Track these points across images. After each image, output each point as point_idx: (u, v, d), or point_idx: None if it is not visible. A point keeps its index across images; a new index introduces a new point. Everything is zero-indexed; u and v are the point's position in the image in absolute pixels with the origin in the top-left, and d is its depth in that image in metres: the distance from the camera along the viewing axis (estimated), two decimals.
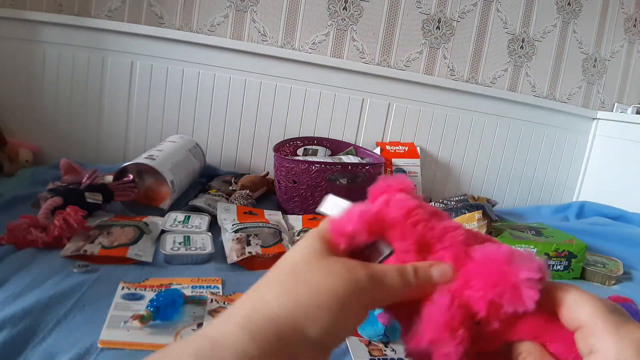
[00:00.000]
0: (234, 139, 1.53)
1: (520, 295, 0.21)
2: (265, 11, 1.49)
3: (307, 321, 0.21)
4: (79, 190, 0.94)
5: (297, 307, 0.21)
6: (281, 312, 0.21)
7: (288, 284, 0.23)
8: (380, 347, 0.62)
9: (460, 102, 1.64)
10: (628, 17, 1.77)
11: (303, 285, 0.22)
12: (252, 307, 0.22)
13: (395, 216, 0.25)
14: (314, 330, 0.21)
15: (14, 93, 1.38)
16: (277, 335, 0.20)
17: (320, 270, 0.23)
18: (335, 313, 0.21)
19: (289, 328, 0.21)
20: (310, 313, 0.21)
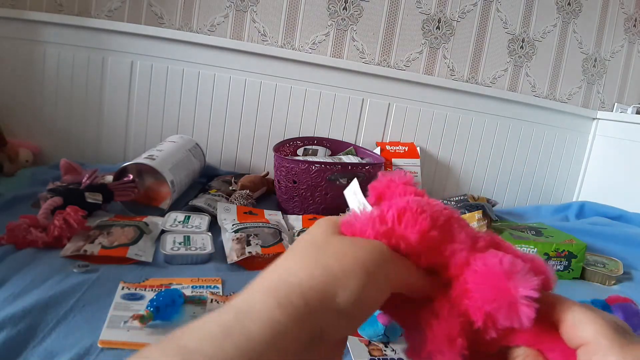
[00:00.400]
0: (234, 139, 1.53)
1: (517, 312, 0.21)
2: (265, 11, 1.50)
3: (335, 287, 0.20)
4: (79, 190, 0.94)
5: (324, 274, 0.21)
6: (308, 278, 0.21)
7: (312, 254, 0.22)
8: (380, 347, 0.62)
9: (460, 102, 1.64)
10: (628, 17, 1.78)
11: (327, 254, 0.22)
12: (278, 277, 0.21)
13: (409, 236, 0.24)
14: (342, 298, 0.20)
15: (14, 93, 1.38)
16: (305, 302, 0.19)
17: (342, 242, 0.23)
18: (362, 280, 0.21)
19: (317, 295, 0.20)
20: (338, 279, 0.21)
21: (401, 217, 0.25)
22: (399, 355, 0.61)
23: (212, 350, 0.17)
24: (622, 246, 1.19)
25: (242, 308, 0.19)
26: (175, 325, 0.59)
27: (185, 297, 0.65)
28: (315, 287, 0.20)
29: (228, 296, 0.70)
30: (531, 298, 0.21)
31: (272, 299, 0.19)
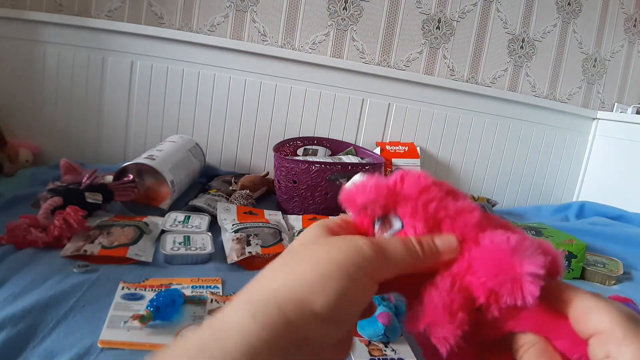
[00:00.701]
0: (234, 139, 1.53)
1: (521, 288, 0.20)
2: (265, 11, 1.50)
3: (310, 294, 0.20)
4: (79, 190, 0.94)
5: (297, 281, 0.21)
6: (281, 288, 0.20)
7: (288, 262, 0.22)
8: (380, 347, 0.62)
9: (460, 102, 1.64)
10: (628, 17, 1.78)
11: (303, 260, 0.22)
12: (254, 289, 0.21)
13: (409, 192, 0.25)
14: (320, 303, 0.20)
15: (14, 93, 1.38)
16: (280, 311, 0.19)
17: (320, 246, 0.23)
18: (340, 282, 0.21)
19: (292, 304, 0.20)
20: (313, 285, 0.20)
21: (403, 177, 0.25)
22: (399, 355, 0.61)
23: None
24: (622, 246, 1.19)
25: (218, 324, 0.19)
26: (175, 325, 0.59)
27: (185, 297, 0.65)
28: (290, 296, 0.20)
29: (228, 296, 0.70)
30: (537, 275, 0.20)
31: (246, 312, 0.19)
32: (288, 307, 0.20)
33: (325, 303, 0.20)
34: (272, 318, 0.19)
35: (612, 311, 0.20)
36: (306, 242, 0.24)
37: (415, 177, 0.25)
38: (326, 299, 0.20)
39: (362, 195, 0.25)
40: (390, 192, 0.25)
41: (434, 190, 0.25)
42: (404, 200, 0.25)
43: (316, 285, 0.20)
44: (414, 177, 0.25)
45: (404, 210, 0.25)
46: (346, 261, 0.21)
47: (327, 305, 0.20)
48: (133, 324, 0.57)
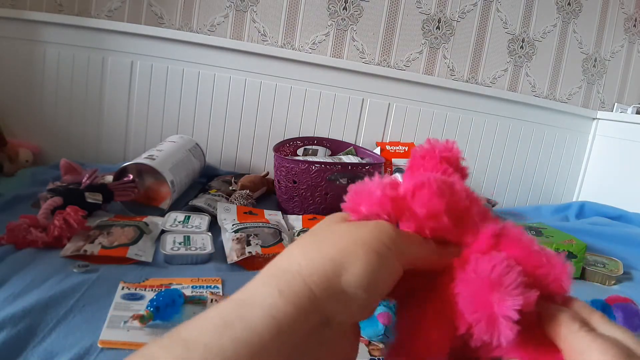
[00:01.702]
0: (234, 139, 1.53)
1: (496, 329, 0.19)
2: (265, 11, 1.50)
3: (338, 269, 0.20)
4: (79, 190, 0.94)
5: (324, 256, 0.20)
6: (308, 264, 0.20)
7: (311, 241, 0.22)
8: (380, 347, 0.62)
9: (460, 102, 1.64)
10: (628, 17, 1.78)
11: (327, 239, 0.22)
12: (279, 267, 0.21)
13: (418, 211, 0.24)
14: (348, 279, 0.19)
15: (14, 93, 1.38)
16: (308, 288, 0.19)
17: (343, 226, 0.23)
18: (368, 259, 0.20)
19: (319, 280, 0.19)
20: (340, 261, 0.20)
21: (415, 191, 0.24)
22: None
23: (212, 341, 0.16)
24: (622, 246, 1.19)
25: (243, 299, 0.19)
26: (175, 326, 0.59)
27: (185, 297, 0.65)
28: (317, 272, 0.19)
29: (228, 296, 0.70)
30: (512, 319, 0.19)
31: (273, 288, 0.19)
32: (315, 282, 0.19)
33: (353, 280, 0.19)
34: (298, 293, 0.18)
35: (608, 351, 0.18)
36: (327, 224, 0.24)
37: (427, 196, 0.24)
38: (354, 276, 0.20)
39: (367, 205, 0.24)
40: (397, 205, 0.24)
41: (442, 220, 0.23)
42: (410, 217, 0.24)
43: (343, 261, 0.20)
44: (426, 196, 0.23)
45: (408, 225, 0.24)
46: (373, 239, 0.21)
47: (355, 281, 0.19)
48: (133, 324, 0.57)
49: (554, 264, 0.22)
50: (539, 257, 0.23)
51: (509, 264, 0.21)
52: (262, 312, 0.17)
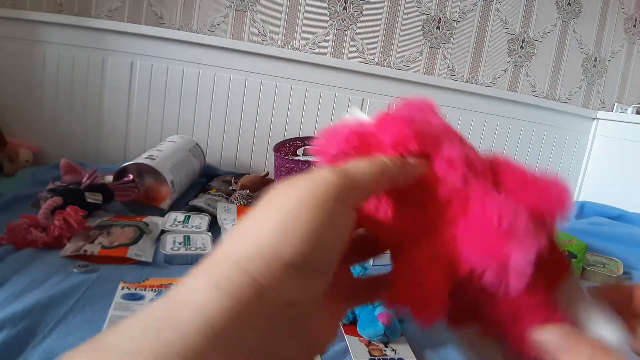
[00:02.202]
0: (234, 139, 1.53)
1: (505, 279, 0.18)
2: (265, 11, 1.50)
3: (277, 244, 0.17)
4: (79, 190, 0.94)
5: (261, 234, 0.17)
6: (245, 247, 0.17)
7: (251, 220, 0.19)
8: (380, 347, 0.62)
9: (460, 102, 1.64)
10: (628, 17, 1.78)
11: (265, 211, 0.19)
12: (215, 255, 0.18)
13: (384, 141, 0.22)
14: (289, 250, 0.17)
15: (14, 93, 1.38)
16: (247, 275, 0.16)
17: (282, 191, 0.19)
18: (307, 218, 0.17)
19: (259, 262, 0.16)
20: (278, 233, 0.17)
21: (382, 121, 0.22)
22: (399, 355, 0.61)
23: (135, 348, 0.14)
24: (622, 246, 1.19)
25: (175, 297, 0.16)
26: None
27: None
28: (255, 253, 0.17)
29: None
30: (523, 270, 0.18)
31: (207, 280, 0.16)
32: (254, 268, 0.16)
33: (295, 247, 0.17)
34: (237, 283, 0.16)
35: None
36: (272, 194, 0.20)
37: (393, 123, 0.22)
38: (295, 242, 0.17)
39: (334, 144, 0.22)
40: (364, 139, 0.22)
41: (412, 144, 0.22)
42: (378, 148, 0.22)
43: (281, 231, 0.17)
44: (393, 123, 0.22)
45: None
46: (309, 194, 0.18)
47: (297, 249, 0.17)
48: None
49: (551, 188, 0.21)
50: (535, 184, 0.22)
51: (517, 209, 0.20)
52: (193, 307, 0.15)
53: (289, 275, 0.17)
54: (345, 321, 0.66)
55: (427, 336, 0.67)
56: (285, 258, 0.17)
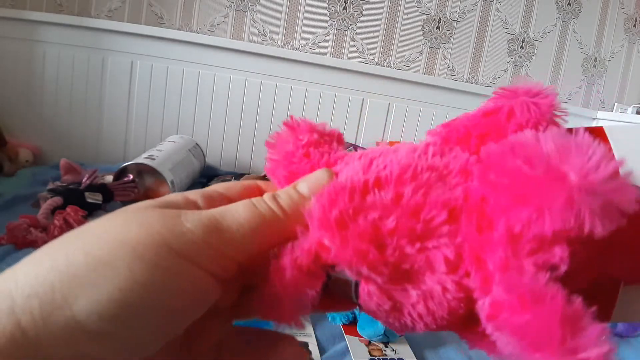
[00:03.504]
0: (234, 139, 1.53)
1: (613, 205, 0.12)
2: (265, 11, 1.50)
3: (69, 289, 0.12)
4: (79, 190, 0.94)
5: (55, 271, 0.13)
6: (28, 281, 0.12)
7: (58, 244, 0.14)
8: (380, 347, 0.62)
9: (460, 102, 1.64)
10: (628, 17, 1.78)
11: (78, 241, 0.14)
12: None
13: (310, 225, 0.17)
14: (82, 305, 0.12)
15: (14, 93, 1.38)
16: (15, 320, 0.12)
17: (112, 221, 0.14)
18: (125, 270, 0.13)
19: (41, 307, 0.12)
20: (77, 276, 0.12)
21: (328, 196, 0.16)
22: (399, 355, 0.61)
23: None
24: None
25: None
26: None
27: None
28: (38, 293, 0.12)
29: None
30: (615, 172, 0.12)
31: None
32: (32, 312, 0.12)
33: (91, 304, 0.12)
34: (2, 327, 0.12)
35: None
36: (110, 216, 0.15)
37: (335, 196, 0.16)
38: (92, 299, 0.12)
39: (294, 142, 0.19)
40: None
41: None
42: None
43: (83, 276, 0.12)
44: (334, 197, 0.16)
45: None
46: (142, 239, 0.13)
47: (94, 308, 0.12)
48: None
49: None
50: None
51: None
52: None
53: (75, 337, 0.12)
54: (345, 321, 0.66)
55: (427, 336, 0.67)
56: (75, 314, 0.12)
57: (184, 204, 0.16)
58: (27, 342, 0.12)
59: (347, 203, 0.15)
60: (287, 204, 0.16)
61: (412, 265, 0.15)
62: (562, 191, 0.12)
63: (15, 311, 0.12)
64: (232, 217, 0.15)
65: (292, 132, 0.20)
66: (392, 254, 0.15)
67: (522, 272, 0.13)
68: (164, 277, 0.13)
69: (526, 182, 0.13)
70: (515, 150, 0.13)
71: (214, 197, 0.18)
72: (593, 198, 0.12)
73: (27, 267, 0.13)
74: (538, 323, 0.12)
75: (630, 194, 0.12)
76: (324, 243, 0.15)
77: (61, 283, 0.12)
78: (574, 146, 0.13)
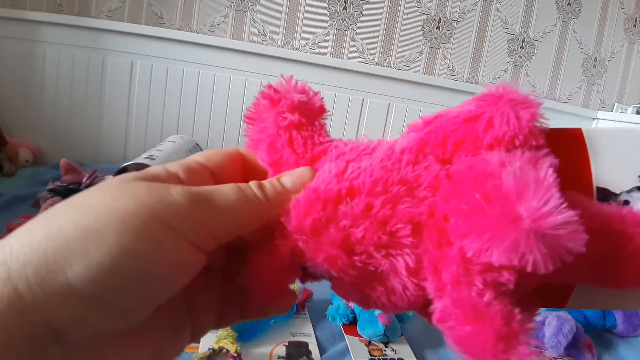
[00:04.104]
0: (234, 139, 1.53)
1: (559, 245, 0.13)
2: (265, 11, 1.50)
3: (64, 258, 0.13)
4: (79, 190, 0.94)
5: (49, 239, 0.13)
6: (23, 249, 0.13)
7: (51, 214, 0.14)
8: (380, 347, 0.62)
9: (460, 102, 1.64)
10: (628, 17, 1.78)
11: (70, 211, 0.14)
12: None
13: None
14: (76, 270, 0.13)
15: (14, 93, 1.38)
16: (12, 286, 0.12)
17: (103, 191, 0.15)
18: (116, 238, 0.13)
19: (35, 273, 0.13)
20: (70, 244, 0.13)
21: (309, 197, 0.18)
22: (399, 355, 0.61)
23: None
24: None
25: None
26: None
27: None
28: (36, 260, 0.13)
29: None
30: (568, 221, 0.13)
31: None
32: (27, 277, 0.13)
33: (83, 270, 0.13)
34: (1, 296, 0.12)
35: None
36: (99, 187, 0.16)
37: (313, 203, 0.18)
38: (84, 265, 0.13)
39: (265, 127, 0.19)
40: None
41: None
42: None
43: (75, 243, 0.13)
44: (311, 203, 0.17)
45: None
46: (131, 209, 0.14)
47: (85, 273, 0.13)
48: None
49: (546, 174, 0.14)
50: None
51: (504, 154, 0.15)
52: None
53: (69, 303, 0.13)
54: (345, 321, 0.67)
55: (427, 336, 0.67)
56: (70, 279, 0.13)
57: (166, 177, 0.17)
58: (25, 306, 0.12)
59: (321, 212, 0.17)
60: (271, 194, 0.18)
61: (377, 267, 0.16)
62: (511, 232, 0.13)
63: (11, 277, 0.13)
64: (219, 197, 0.16)
65: (273, 106, 0.20)
66: (360, 259, 0.16)
67: (471, 286, 0.14)
68: (151, 246, 0.14)
69: (481, 217, 0.14)
70: (478, 181, 0.14)
71: (194, 168, 0.19)
72: (541, 242, 0.13)
73: (21, 237, 0.14)
74: (476, 336, 0.14)
75: (579, 240, 0.13)
76: (299, 246, 0.17)
77: (54, 250, 0.13)
78: (533, 186, 0.13)
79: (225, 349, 0.53)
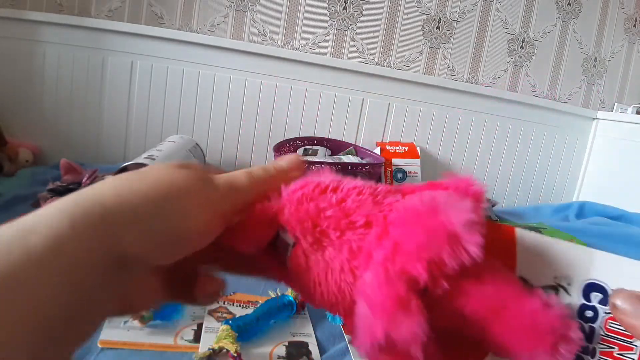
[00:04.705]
0: (234, 139, 1.53)
1: (460, 243, 0.18)
2: (265, 11, 1.50)
3: (142, 206, 0.18)
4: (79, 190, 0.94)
5: (132, 192, 0.18)
6: (112, 195, 0.18)
7: (126, 178, 0.20)
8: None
9: (460, 102, 1.64)
10: (628, 17, 1.78)
11: (145, 176, 0.20)
12: (82, 193, 0.18)
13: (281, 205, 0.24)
14: (162, 224, 0.18)
15: (14, 93, 1.38)
16: (102, 219, 0.17)
17: (168, 169, 0.21)
18: (178, 203, 0.19)
19: (120, 213, 0.17)
20: (147, 198, 0.18)
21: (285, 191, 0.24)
22: None
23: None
24: (622, 246, 1.19)
25: (27, 224, 0.16)
26: (175, 325, 0.59)
27: None
28: (118, 204, 0.17)
29: (228, 296, 0.70)
30: (471, 222, 0.19)
31: (65, 215, 0.16)
32: (115, 216, 0.17)
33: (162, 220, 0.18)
34: (95, 227, 0.16)
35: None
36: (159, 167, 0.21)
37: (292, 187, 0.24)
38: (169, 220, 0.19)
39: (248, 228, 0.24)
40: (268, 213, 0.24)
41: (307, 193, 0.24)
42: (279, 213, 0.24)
43: (151, 199, 0.18)
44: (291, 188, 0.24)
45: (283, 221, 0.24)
46: (189, 185, 0.20)
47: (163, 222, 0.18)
48: (133, 324, 0.57)
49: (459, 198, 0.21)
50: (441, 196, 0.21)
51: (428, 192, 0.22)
52: (44, 240, 0.15)
53: (145, 241, 0.18)
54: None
55: None
56: (150, 225, 0.18)
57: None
58: (109, 234, 0.17)
59: (310, 192, 0.23)
60: (272, 173, 0.25)
61: (329, 243, 0.22)
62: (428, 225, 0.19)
63: (105, 216, 0.17)
64: (239, 181, 0.23)
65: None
66: (319, 230, 0.22)
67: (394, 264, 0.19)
68: (201, 210, 0.20)
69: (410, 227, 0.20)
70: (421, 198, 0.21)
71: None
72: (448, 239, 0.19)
73: (110, 191, 0.18)
74: (380, 292, 0.18)
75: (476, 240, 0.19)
76: (284, 208, 0.23)
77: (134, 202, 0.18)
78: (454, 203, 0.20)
79: (225, 349, 0.53)
